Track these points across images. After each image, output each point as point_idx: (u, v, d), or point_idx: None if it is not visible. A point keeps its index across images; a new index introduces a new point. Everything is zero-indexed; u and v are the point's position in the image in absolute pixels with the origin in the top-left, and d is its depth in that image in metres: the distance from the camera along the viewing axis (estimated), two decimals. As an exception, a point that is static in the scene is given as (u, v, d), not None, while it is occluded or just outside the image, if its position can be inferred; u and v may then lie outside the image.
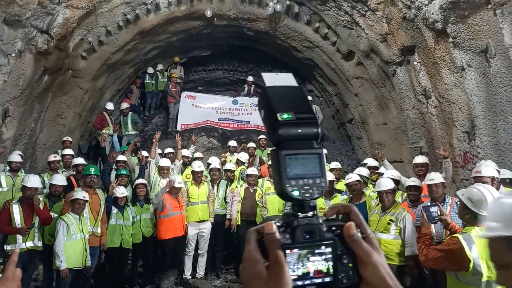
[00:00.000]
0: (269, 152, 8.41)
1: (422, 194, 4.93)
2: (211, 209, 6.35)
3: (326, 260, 0.62)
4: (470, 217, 2.71)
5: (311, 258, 0.62)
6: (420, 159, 5.59)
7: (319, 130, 0.66)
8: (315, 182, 0.64)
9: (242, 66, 13.13)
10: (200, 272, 6.24)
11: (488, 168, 4.19)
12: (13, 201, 5.22)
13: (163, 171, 6.54)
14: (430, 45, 6.28)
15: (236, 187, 6.69)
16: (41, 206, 5.26)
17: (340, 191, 6.03)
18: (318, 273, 0.62)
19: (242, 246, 4.63)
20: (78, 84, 9.06)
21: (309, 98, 11.04)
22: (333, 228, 0.64)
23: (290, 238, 0.62)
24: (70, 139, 8.50)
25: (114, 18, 8.60)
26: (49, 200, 5.66)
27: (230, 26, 10.32)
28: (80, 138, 10.14)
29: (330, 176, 5.86)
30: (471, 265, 2.52)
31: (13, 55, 6.65)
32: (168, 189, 5.85)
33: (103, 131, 9.61)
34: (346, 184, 5.32)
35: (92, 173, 5.64)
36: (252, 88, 11.85)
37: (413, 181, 4.96)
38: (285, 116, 0.64)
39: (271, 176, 6.50)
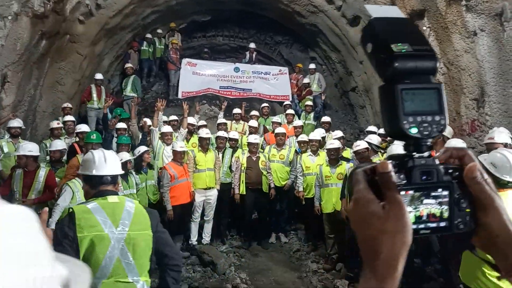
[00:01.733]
0: (274, 120, 8.36)
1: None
2: (217, 176, 6.33)
3: (441, 203, 0.58)
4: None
5: (425, 201, 0.58)
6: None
7: (438, 64, 0.60)
8: (434, 119, 0.59)
9: (243, 32, 12.80)
10: (206, 238, 6.30)
11: (501, 134, 4.14)
12: (18, 168, 5.19)
13: (166, 137, 6.46)
14: (441, 9, 6.07)
15: (238, 157, 6.64)
16: (42, 176, 5.20)
17: (347, 159, 5.99)
18: (433, 217, 0.58)
19: (248, 213, 4.68)
20: (76, 49, 8.82)
21: (312, 65, 10.83)
22: (450, 171, 0.59)
23: (405, 178, 0.58)
24: (70, 105, 8.37)
25: (112, -20, 8.28)
26: (51, 166, 5.61)
27: (231, -11, 9.99)
28: (80, 106, 9.98)
29: (336, 144, 5.80)
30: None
31: (9, 17, 6.41)
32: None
33: (87, 105, 9.31)
34: (354, 152, 5.28)
35: (93, 140, 5.56)
36: (254, 55, 11.61)
37: None
38: (401, 47, 0.58)
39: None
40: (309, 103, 9.57)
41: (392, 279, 0.54)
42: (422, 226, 0.58)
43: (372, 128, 7.46)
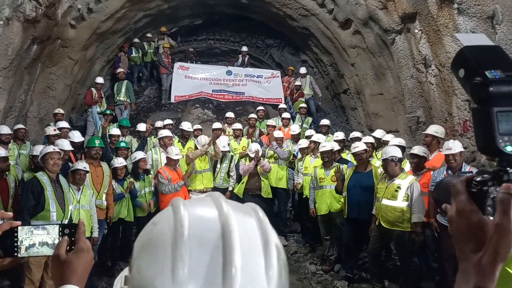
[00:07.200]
0: (268, 123, 8.36)
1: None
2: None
3: None
4: None
5: None
6: (433, 128, 5.54)
7: None
8: None
9: (234, 36, 12.83)
10: (203, 242, 6.28)
11: None
12: None
13: (165, 141, 6.46)
14: (433, 12, 6.19)
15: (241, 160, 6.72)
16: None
17: (345, 161, 6.03)
18: None
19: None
20: (68, 54, 8.73)
21: (303, 69, 10.90)
22: None
23: None
24: (62, 111, 8.29)
25: (103, -16, 8.24)
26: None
27: (223, -7, 10.02)
28: (71, 111, 9.89)
29: (328, 146, 5.82)
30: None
31: (1, 22, 6.32)
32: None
33: (95, 108, 9.31)
34: (353, 153, 5.32)
35: (97, 145, 5.48)
36: (246, 59, 11.62)
37: (413, 149, 5.00)
38: (495, 73, 0.65)
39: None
40: (303, 105, 9.62)
41: (491, 282, 0.61)
42: None
43: (356, 134, 7.47)
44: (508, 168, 0.65)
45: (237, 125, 8.16)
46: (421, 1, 6.37)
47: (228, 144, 6.94)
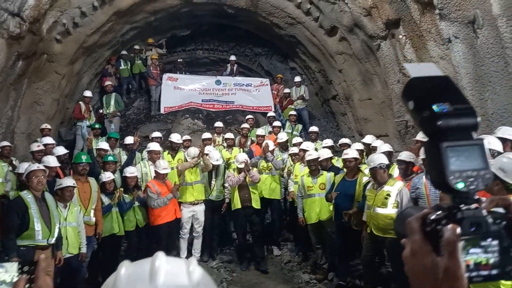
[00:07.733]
0: (257, 133, 8.33)
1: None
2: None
3: (486, 252, 0.61)
4: (500, 188, 2.58)
5: (471, 251, 0.61)
6: (422, 134, 5.55)
7: (478, 120, 0.65)
8: (479, 174, 0.63)
9: (222, 45, 12.86)
10: (196, 254, 6.22)
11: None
12: None
13: (153, 156, 6.41)
14: (415, 18, 6.26)
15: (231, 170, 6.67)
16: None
17: (338, 169, 5.99)
18: (481, 265, 0.61)
19: (240, 231, 4.64)
20: (54, 69, 8.68)
21: (298, 78, 10.89)
22: (498, 221, 0.63)
23: None
24: (49, 126, 8.20)
25: (88, -2, 8.22)
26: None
27: (209, 4, 10.05)
28: (60, 125, 9.81)
29: (315, 154, 5.80)
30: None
31: (-16, 40, 6.28)
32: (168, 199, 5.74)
33: (81, 123, 9.23)
34: (343, 160, 5.32)
35: (84, 160, 5.42)
36: (235, 68, 11.65)
37: (400, 155, 5.02)
38: (443, 107, 0.63)
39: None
40: (293, 112, 9.64)
41: None
42: (474, 274, 0.61)
43: (345, 140, 7.47)
44: (462, 205, 0.63)
45: (229, 135, 8.13)
46: (404, 7, 6.45)
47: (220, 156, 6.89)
